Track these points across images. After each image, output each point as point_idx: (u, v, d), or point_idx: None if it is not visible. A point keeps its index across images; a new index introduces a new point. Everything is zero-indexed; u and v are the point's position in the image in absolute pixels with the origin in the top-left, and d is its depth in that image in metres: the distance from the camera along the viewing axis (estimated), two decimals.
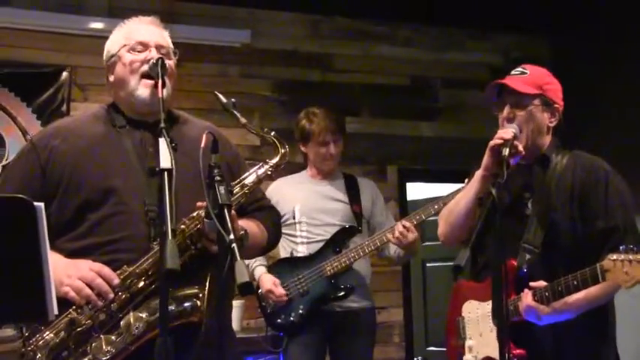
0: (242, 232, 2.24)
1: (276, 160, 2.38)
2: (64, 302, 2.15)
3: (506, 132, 2.55)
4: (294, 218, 3.91)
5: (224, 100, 2.32)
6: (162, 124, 2.03)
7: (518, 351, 2.55)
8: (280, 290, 3.78)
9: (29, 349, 2.19)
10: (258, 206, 2.54)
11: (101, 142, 2.37)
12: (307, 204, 3.92)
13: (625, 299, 2.69)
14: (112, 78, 2.45)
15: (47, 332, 2.18)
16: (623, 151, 4.82)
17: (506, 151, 2.46)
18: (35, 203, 1.62)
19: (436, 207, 3.62)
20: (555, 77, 2.78)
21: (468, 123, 5.75)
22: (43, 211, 1.63)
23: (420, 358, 5.80)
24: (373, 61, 5.80)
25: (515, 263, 2.60)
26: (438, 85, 5.97)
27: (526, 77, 2.68)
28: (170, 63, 2.41)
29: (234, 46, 5.37)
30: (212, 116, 4.23)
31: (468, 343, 2.79)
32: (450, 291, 3.03)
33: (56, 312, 1.69)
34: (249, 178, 2.35)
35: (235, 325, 4.49)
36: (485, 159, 2.57)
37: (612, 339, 2.68)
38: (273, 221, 2.62)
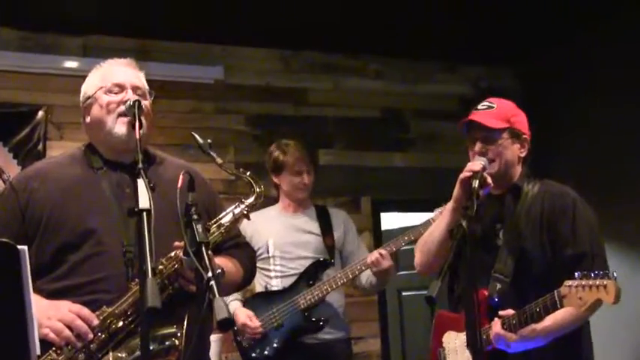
0: (219, 270, 2.28)
1: (251, 200, 2.41)
2: (44, 343, 2.15)
3: (475, 164, 2.61)
4: (267, 252, 3.95)
5: (200, 140, 2.36)
6: (140, 165, 2.05)
7: None
8: (255, 322, 3.79)
9: None
10: (234, 244, 2.57)
11: (79, 184, 2.40)
12: (280, 238, 3.96)
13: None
14: (88, 119, 2.48)
15: None
16: (589, 179, 4.93)
17: (475, 183, 2.52)
18: (19, 247, 1.64)
19: (406, 238, 3.71)
20: (522, 105, 2.86)
21: (439, 153, 5.84)
22: (27, 254, 1.65)
23: None
24: (344, 94, 5.87)
25: (486, 293, 2.65)
26: (409, 116, 6.06)
27: (494, 111, 2.74)
28: (146, 103, 2.45)
29: (208, 82, 5.43)
30: (187, 152, 4.31)
31: None
32: (426, 320, 3.07)
33: (38, 352, 1.71)
34: (226, 217, 2.39)
35: (214, 359, 4.50)
36: (456, 191, 2.64)
37: None
38: (249, 258, 2.66)
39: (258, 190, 2.43)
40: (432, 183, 5.39)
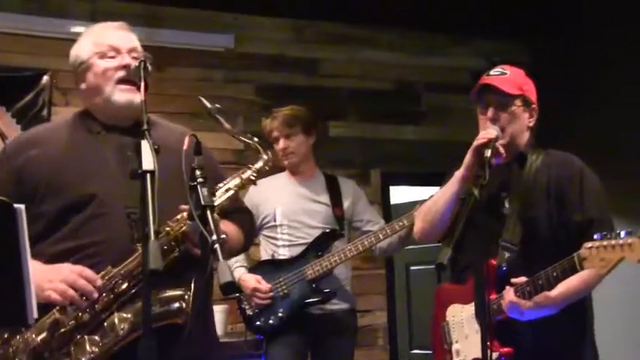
0: (223, 235, 2.25)
1: (259, 165, 2.38)
2: (47, 307, 2.13)
3: (489, 133, 2.58)
4: (275, 221, 3.91)
5: (208, 105, 2.32)
6: (145, 127, 2.02)
7: (505, 349, 2.56)
8: (265, 285, 3.77)
9: (10, 350, 2.17)
10: (234, 208, 2.53)
11: (78, 148, 2.36)
12: (288, 206, 3.92)
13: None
14: (84, 85, 2.42)
15: (29, 333, 2.17)
16: (600, 152, 4.89)
17: (488, 152, 2.49)
18: (15, 205, 1.60)
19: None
20: (534, 80, 2.82)
21: (451, 126, 5.78)
22: (24, 213, 1.61)
23: None
24: (357, 65, 5.82)
25: (494, 262, 2.61)
26: (422, 89, 6.00)
27: (508, 78, 2.71)
28: None
29: (218, 50, 5.37)
30: (196, 120, 4.27)
31: (455, 347, 2.80)
32: (433, 294, 3.03)
33: (36, 316, 1.67)
34: (233, 182, 2.35)
35: (220, 329, 4.48)
36: (468, 159, 2.60)
37: (591, 334, 2.71)
38: (249, 223, 2.64)
39: (265, 156, 2.39)
40: (442, 157, 5.32)
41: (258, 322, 3.83)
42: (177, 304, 2.19)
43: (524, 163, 2.73)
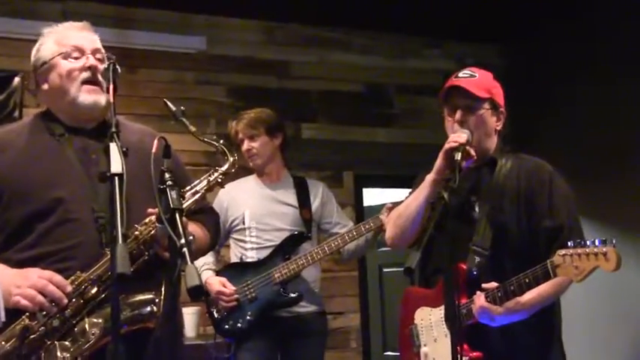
0: (190, 237, 2.24)
1: (225, 167, 2.36)
2: (16, 312, 2.11)
3: (459, 136, 2.57)
4: (243, 223, 3.90)
5: (173, 108, 2.29)
6: (114, 129, 2.00)
7: (474, 354, 2.56)
8: (230, 288, 3.76)
9: None
10: (199, 208, 2.50)
11: (41, 151, 2.32)
12: (257, 209, 3.91)
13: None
14: (46, 86, 2.37)
15: None
16: (570, 154, 4.95)
17: (458, 155, 2.49)
18: None
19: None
20: (507, 83, 2.83)
21: (423, 129, 5.79)
22: None
23: None
24: (329, 67, 5.83)
25: (464, 267, 2.62)
26: (393, 91, 6.02)
27: (476, 80, 2.70)
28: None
29: (190, 52, 5.35)
30: (167, 122, 4.22)
31: (423, 350, 2.78)
32: None
33: (3, 319, 1.65)
34: (200, 184, 2.34)
35: (191, 331, 4.48)
36: (438, 163, 2.59)
37: (559, 338, 2.72)
38: (214, 224, 2.63)
39: (231, 158, 2.38)
40: (415, 159, 5.33)
41: (226, 326, 3.81)
42: (148, 308, 2.17)
43: (494, 167, 2.72)
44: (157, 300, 2.17)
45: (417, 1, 5.26)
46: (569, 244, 2.34)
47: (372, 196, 6.11)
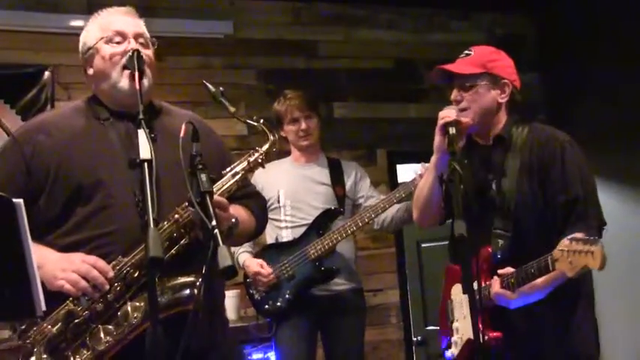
0: (233, 219, 2.25)
1: (266, 147, 2.37)
2: (60, 296, 2.15)
3: (448, 112, 2.62)
4: (278, 202, 3.93)
5: (212, 89, 2.32)
6: (141, 116, 2.02)
7: (494, 334, 2.63)
8: (267, 269, 3.80)
9: (27, 342, 2.19)
10: (245, 193, 2.53)
11: (86, 135, 2.34)
12: (291, 187, 3.94)
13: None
14: (90, 71, 2.41)
15: (44, 325, 2.18)
16: (610, 125, 4.87)
17: (453, 130, 2.54)
18: (14, 200, 1.59)
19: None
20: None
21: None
22: (23, 208, 1.60)
23: (419, 337, 5.81)
24: (356, 45, 5.79)
25: (490, 250, 2.66)
26: (423, 67, 5.96)
27: (470, 58, 2.75)
28: (148, 53, 2.39)
29: (217, 37, 5.35)
30: (197, 109, 4.26)
31: (455, 325, 2.87)
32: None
33: (44, 308, 1.68)
34: (240, 165, 2.35)
35: (233, 314, 4.51)
36: (436, 141, 2.65)
37: (585, 308, 2.71)
38: (260, 208, 2.63)
39: (272, 137, 2.39)
40: None
41: (266, 306, 3.85)
42: (187, 291, 2.19)
43: (505, 144, 2.73)
44: (197, 283, 2.18)
45: None
46: (568, 237, 2.38)
47: (406, 172, 6.08)
